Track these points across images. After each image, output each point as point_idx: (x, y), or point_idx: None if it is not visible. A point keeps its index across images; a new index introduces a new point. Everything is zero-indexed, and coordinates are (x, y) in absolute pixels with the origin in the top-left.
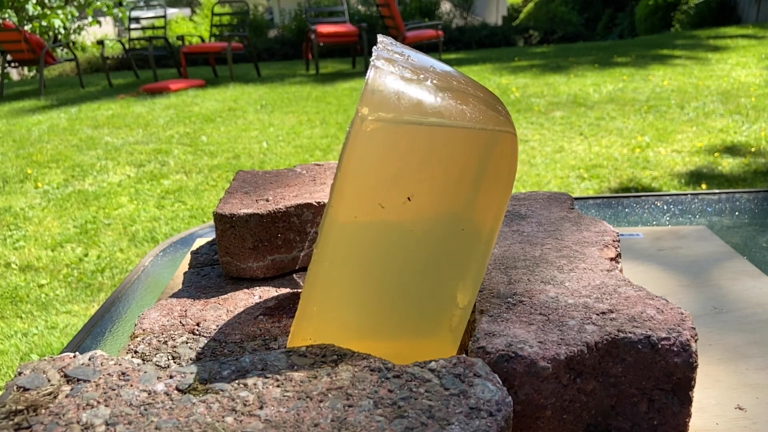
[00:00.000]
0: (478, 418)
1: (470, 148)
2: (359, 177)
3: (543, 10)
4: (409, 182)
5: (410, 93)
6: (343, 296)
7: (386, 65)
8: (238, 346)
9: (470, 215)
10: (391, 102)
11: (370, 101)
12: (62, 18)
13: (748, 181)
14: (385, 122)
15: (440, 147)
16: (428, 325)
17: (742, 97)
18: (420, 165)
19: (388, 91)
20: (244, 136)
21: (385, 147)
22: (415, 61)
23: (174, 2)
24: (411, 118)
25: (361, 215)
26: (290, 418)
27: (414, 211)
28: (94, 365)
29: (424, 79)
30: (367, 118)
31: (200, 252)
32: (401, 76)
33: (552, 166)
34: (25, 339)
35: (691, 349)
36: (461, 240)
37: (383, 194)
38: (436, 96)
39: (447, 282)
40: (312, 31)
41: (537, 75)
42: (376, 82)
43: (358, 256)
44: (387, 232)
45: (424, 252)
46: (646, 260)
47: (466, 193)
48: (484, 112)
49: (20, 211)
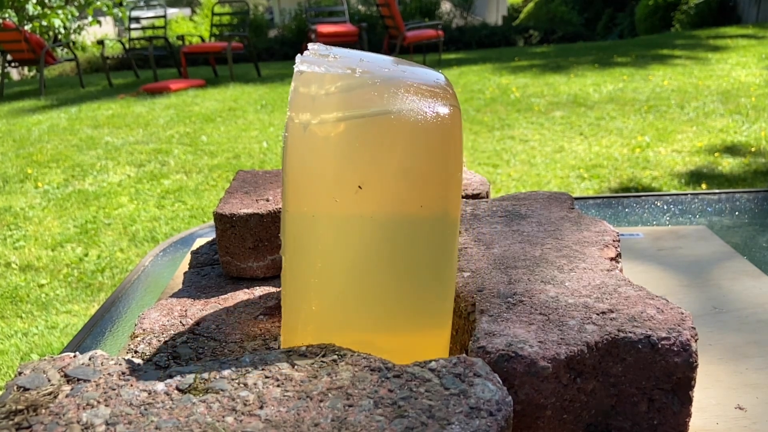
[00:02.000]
0: (478, 417)
1: (409, 130)
2: (305, 177)
3: (543, 10)
4: (355, 173)
5: (339, 90)
6: (321, 292)
7: (312, 67)
8: (238, 346)
9: (425, 193)
10: (320, 101)
11: (298, 105)
12: (62, 18)
13: (748, 181)
14: (317, 123)
15: (379, 135)
16: (413, 311)
17: (742, 97)
18: (362, 154)
19: (316, 92)
20: (244, 136)
21: (332, 145)
22: (343, 59)
23: (174, 2)
24: (342, 114)
25: (318, 210)
26: (290, 418)
27: (370, 200)
28: (94, 365)
29: (352, 74)
30: (310, 122)
31: (200, 252)
32: (329, 74)
33: (552, 166)
34: (26, 339)
35: (691, 349)
36: (424, 221)
37: (333, 188)
38: (370, 87)
39: (419, 269)
40: (312, 31)
41: (537, 75)
42: (306, 85)
43: (322, 250)
44: (345, 223)
45: (389, 237)
46: (646, 260)
47: (416, 172)
48: (423, 91)
49: (20, 210)
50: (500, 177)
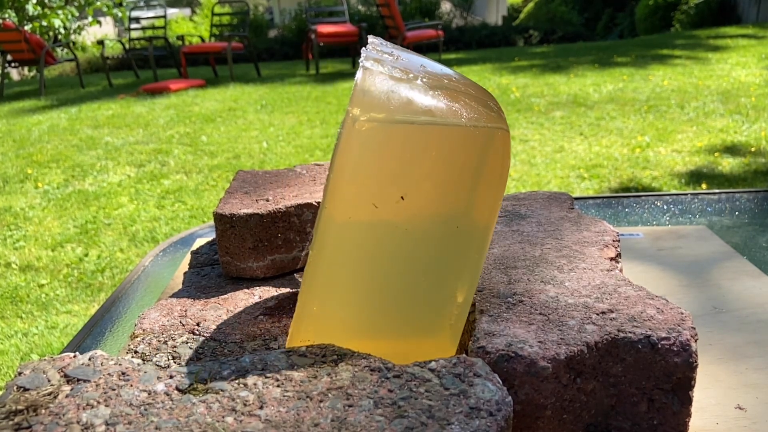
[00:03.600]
0: (478, 417)
1: (463, 146)
2: (353, 177)
3: (543, 10)
4: (402, 182)
5: (400, 92)
6: (342, 296)
7: (375, 65)
8: (238, 346)
9: (465, 213)
10: (382, 102)
11: (360, 102)
12: (62, 18)
13: (748, 181)
14: (377, 122)
15: (432, 146)
16: (427, 323)
17: (742, 97)
18: (413, 164)
19: (378, 91)
20: (244, 136)
21: (377, 147)
22: (405, 61)
23: (174, 2)
24: (402, 118)
25: (356, 215)
26: (290, 418)
27: (409, 211)
28: (94, 365)
29: (414, 78)
30: (359, 118)
31: (200, 252)
32: (391, 75)
33: (552, 166)
34: (26, 339)
35: (691, 349)
36: (457, 238)
37: (377, 194)
38: (427, 95)
39: (444, 280)
40: (312, 31)
41: (537, 75)
42: (366, 82)
43: (353, 255)
44: (382, 231)
45: (421, 251)
46: (646, 260)
47: (460, 191)
48: (476, 109)
49: (20, 211)
50: None
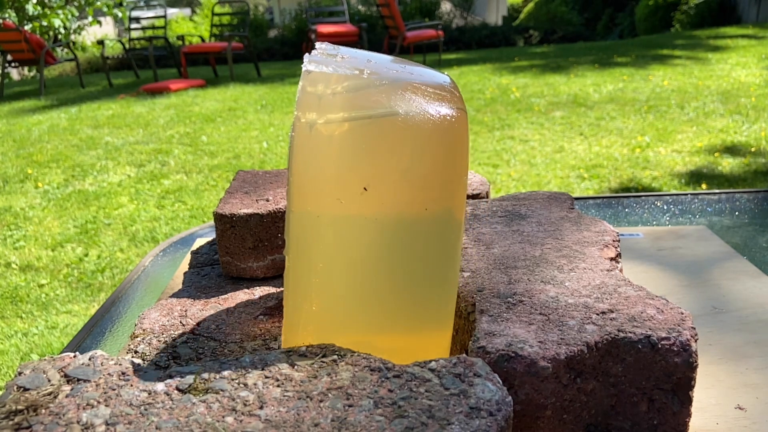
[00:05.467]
0: (478, 417)
1: (420, 132)
2: (313, 176)
3: (543, 10)
4: (363, 174)
5: (346, 90)
6: (325, 294)
7: (319, 67)
8: (238, 346)
9: (430, 195)
10: (327, 101)
11: (305, 104)
12: (62, 18)
13: (748, 181)
14: (329, 122)
15: (390, 136)
16: (415, 313)
17: (742, 97)
18: (372, 156)
19: (326, 92)
20: (244, 136)
21: (337, 146)
22: (351, 59)
23: (174, 2)
24: (356, 114)
25: (323, 212)
26: (290, 418)
27: (375, 201)
28: (94, 365)
29: (360, 74)
30: (316, 122)
31: (200, 252)
32: (336, 74)
33: (552, 166)
34: (26, 339)
35: (691, 349)
36: (429, 224)
37: (340, 189)
38: (377, 88)
39: (421, 267)
40: (312, 31)
41: (537, 75)
42: (313, 85)
43: (328, 251)
44: (350, 224)
45: (393, 239)
46: (646, 260)
47: (424, 175)
48: (430, 93)
49: (20, 211)
50: (500, 177)
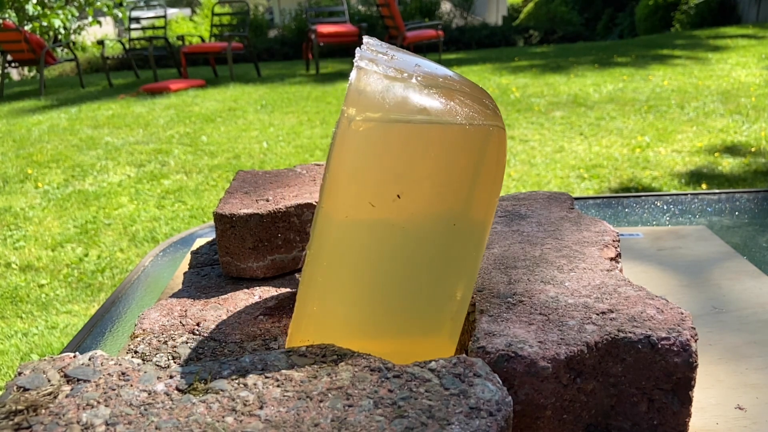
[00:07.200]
0: (478, 418)
1: (459, 145)
2: (349, 177)
3: (543, 10)
4: (399, 180)
5: (396, 92)
6: (341, 295)
7: (370, 65)
8: (238, 346)
9: (463, 211)
10: (377, 101)
11: (356, 101)
12: (62, 18)
13: (748, 181)
14: (373, 122)
15: (429, 144)
16: (426, 321)
17: (742, 97)
18: (409, 163)
19: (373, 90)
20: (244, 136)
21: (374, 146)
22: (400, 61)
23: (174, 2)
24: (398, 117)
25: (353, 214)
26: (290, 418)
27: (406, 209)
28: (94, 365)
29: (409, 77)
30: (355, 118)
31: (200, 252)
32: (385, 75)
33: (552, 166)
34: (26, 339)
35: (691, 349)
36: (455, 236)
37: (374, 193)
38: (422, 93)
39: (443, 278)
40: (312, 31)
41: (537, 75)
42: (361, 82)
43: (351, 254)
44: (379, 230)
45: (419, 249)
46: (646, 260)
47: (458, 189)
48: (472, 107)
49: (20, 211)
50: None
